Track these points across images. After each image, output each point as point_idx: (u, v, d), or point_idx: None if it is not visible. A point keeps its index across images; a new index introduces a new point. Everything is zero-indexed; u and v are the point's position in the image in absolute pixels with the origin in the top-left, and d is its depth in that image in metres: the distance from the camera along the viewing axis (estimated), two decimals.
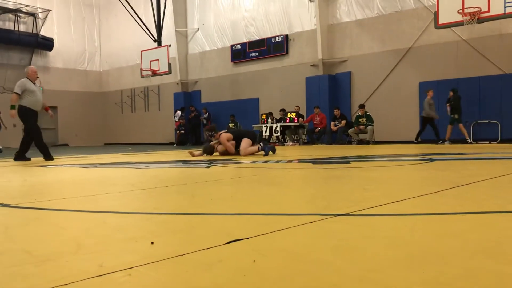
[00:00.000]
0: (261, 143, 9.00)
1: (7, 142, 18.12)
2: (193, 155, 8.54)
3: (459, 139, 12.91)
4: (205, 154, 8.65)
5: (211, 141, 8.76)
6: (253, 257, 1.47)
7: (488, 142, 12.31)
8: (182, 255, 1.51)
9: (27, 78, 8.27)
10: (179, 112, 19.58)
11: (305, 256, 1.49)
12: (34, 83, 8.35)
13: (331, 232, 1.85)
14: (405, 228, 1.91)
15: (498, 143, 12.05)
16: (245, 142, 8.53)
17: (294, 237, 1.78)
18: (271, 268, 1.37)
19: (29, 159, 8.35)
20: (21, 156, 8.33)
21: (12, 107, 8.11)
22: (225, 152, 8.58)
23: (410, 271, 1.31)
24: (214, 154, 8.73)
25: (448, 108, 12.72)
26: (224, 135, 8.52)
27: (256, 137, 9.05)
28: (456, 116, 12.51)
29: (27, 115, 8.11)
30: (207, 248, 1.59)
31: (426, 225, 1.97)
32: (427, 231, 1.85)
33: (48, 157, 8.34)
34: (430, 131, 13.40)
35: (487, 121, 12.72)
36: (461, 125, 12.56)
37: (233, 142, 8.54)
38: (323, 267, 1.37)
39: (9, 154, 12.73)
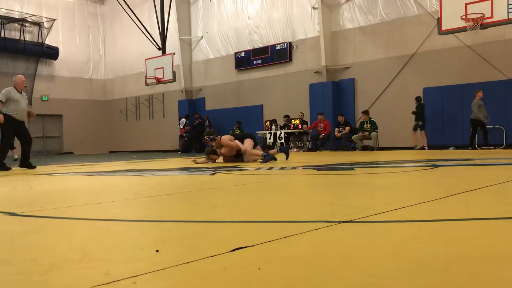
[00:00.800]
0: (264, 152, 8.83)
1: None
2: (196, 163, 8.51)
3: (463, 145, 12.86)
4: (208, 158, 8.55)
5: (212, 145, 8.70)
6: (258, 265, 1.47)
7: (493, 147, 12.25)
8: (187, 263, 1.51)
9: (13, 86, 8.19)
10: (183, 120, 19.63)
11: (310, 264, 1.49)
12: (20, 92, 8.29)
13: (336, 239, 1.85)
14: (411, 234, 1.90)
15: (503, 148, 11.99)
16: (249, 142, 8.41)
17: (299, 244, 1.78)
18: (276, 276, 1.37)
19: (9, 169, 8.11)
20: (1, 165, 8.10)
21: None
22: (229, 159, 8.55)
23: (416, 278, 1.31)
24: (218, 161, 8.65)
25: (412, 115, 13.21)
26: (225, 137, 8.45)
27: (256, 140, 8.95)
28: (420, 123, 13.01)
29: (7, 124, 7.97)
30: (212, 256, 1.59)
31: (432, 232, 1.96)
32: (433, 237, 1.84)
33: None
34: (437, 135, 13.35)
35: (491, 126, 12.67)
36: (422, 132, 13.00)
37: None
38: (328, 274, 1.37)
39: (15, 162, 12.79)
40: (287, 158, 8.45)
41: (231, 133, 16.24)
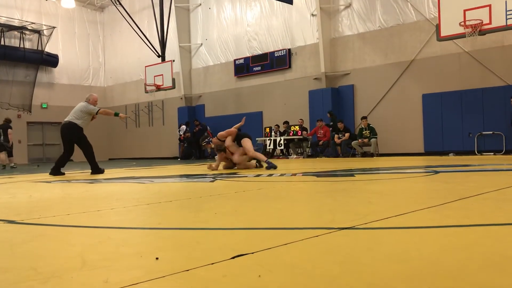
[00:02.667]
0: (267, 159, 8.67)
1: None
2: (212, 169, 8.31)
3: (462, 151, 12.87)
4: (220, 158, 8.39)
5: (212, 148, 8.58)
6: (258, 272, 1.46)
7: (492, 153, 12.26)
8: (187, 270, 1.51)
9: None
10: (184, 127, 19.65)
11: (311, 271, 1.48)
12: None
13: (337, 246, 1.84)
14: (411, 241, 1.90)
15: (502, 154, 12.00)
16: (248, 142, 8.30)
17: (299, 251, 1.77)
18: (276, 283, 1.36)
19: (63, 174, 8.92)
20: (57, 171, 8.98)
21: (116, 114, 9.32)
22: (229, 166, 8.54)
23: (417, 285, 1.30)
24: (219, 169, 8.56)
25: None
26: (221, 133, 8.38)
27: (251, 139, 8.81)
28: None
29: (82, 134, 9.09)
30: (212, 263, 1.58)
31: (432, 238, 1.96)
32: (433, 244, 1.84)
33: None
34: (437, 141, 13.36)
35: (491, 132, 12.69)
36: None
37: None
38: (329, 282, 1.37)
39: (17, 170, 12.78)
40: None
41: None
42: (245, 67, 18.61)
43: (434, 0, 13.36)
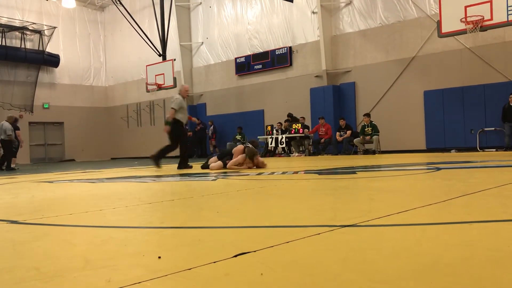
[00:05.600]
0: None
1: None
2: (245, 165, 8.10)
3: (464, 148, 12.85)
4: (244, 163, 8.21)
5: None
6: (261, 270, 1.46)
7: (494, 150, 12.24)
8: (189, 269, 1.51)
9: (180, 94, 9.09)
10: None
11: (313, 269, 1.48)
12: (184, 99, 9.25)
13: (339, 243, 1.84)
14: (413, 238, 1.89)
15: (504, 150, 11.97)
16: (235, 154, 8.25)
17: (302, 249, 1.77)
18: (278, 282, 1.36)
19: (191, 167, 8.97)
20: (183, 164, 9.04)
21: (168, 123, 8.95)
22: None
23: (419, 282, 1.30)
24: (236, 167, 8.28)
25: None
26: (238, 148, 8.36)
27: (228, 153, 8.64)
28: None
29: (179, 129, 8.95)
30: (214, 262, 1.58)
31: (434, 235, 1.96)
32: (436, 241, 1.84)
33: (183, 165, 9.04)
34: (438, 137, 13.34)
35: (493, 128, 12.67)
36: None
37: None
38: (331, 279, 1.37)
39: (23, 171, 12.80)
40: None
41: (233, 140, 16.25)
42: (246, 66, 18.60)
43: None
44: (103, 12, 25.47)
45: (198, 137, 19.33)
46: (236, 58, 18.96)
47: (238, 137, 17.38)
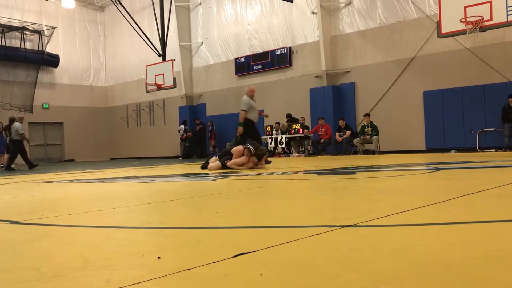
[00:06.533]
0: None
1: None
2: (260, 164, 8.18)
3: (464, 148, 12.86)
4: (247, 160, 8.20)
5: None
6: (260, 271, 1.46)
7: (494, 150, 12.24)
8: (189, 269, 1.51)
9: (247, 95, 9.54)
10: (182, 126, 19.68)
11: (313, 269, 1.48)
12: (253, 99, 9.69)
13: (339, 244, 1.84)
14: (413, 238, 1.89)
15: (504, 151, 11.98)
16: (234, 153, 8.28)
17: (301, 249, 1.77)
18: (278, 282, 1.36)
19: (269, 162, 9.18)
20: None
21: (240, 124, 9.34)
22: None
23: (420, 282, 1.30)
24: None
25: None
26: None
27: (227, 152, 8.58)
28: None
29: (250, 128, 9.41)
30: (214, 262, 1.58)
31: (434, 235, 1.96)
32: (436, 241, 1.84)
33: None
34: (438, 138, 13.35)
35: (492, 129, 12.67)
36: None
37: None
38: (331, 279, 1.37)
39: (23, 171, 12.79)
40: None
41: (234, 141, 16.17)
42: (246, 66, 18.60)
43: None
44: (103, 12, 25.47)
45: (198, 137, 19.34)
46: (235, 59, 18.96)
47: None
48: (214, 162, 8.42)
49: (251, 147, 8.09)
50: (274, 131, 15.95)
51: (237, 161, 8.09)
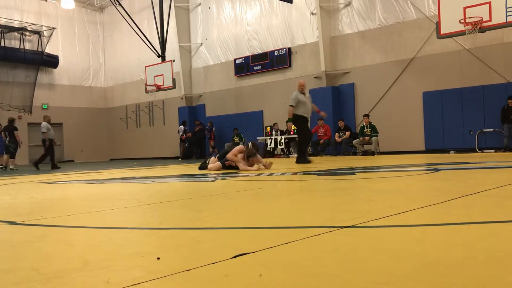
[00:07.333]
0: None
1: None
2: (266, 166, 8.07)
3: (463, 149, 12.86)
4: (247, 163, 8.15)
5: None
6: (260, 271, 1.46)
7: (493, 150, 12.25)
8: (188, 270, 1.51)
9: (298, 90, 9.25)
10: (182, 127, 19.68)
11: (312, 270, 1.48)
12: (304, 94, 9.38)
13: (338, 244, 1.84)
14: (412, 239, 1.89)
15: (503, 151, 11.98)
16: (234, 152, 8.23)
17: (301, 250, 1.77)
18: (277, 282, 1.36)
19: (309, 162, 9.14)
20: (302, 159, 9.14)
21: (289, 119, 9.16)
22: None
23: (419, 282, 1.30)
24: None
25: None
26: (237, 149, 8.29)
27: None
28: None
29: (300, 123, 9.23)
30: (213, 263, 1.58)
31: (434, 236, 1.96)
32: (435, 242, 1.84)
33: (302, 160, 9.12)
34: (437, 139, 13.35)
35: (492, 129, 12.68)
36: None
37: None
38: (330, 280, 1.36)
39: (22, 172, 12.78)
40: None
41: (232, 142, 16.21)
42: (245, 67, 18.60)
43: None
44: (102, 13, 25.47)
45: (197, 138, 19.33)
46: (235, 59, 18.97)
47: (236, 138, 17.38)
48: (214, 162, 8.41)
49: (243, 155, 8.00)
50: (273, 132, 15.95)
51: (236, 159, 8.03)
